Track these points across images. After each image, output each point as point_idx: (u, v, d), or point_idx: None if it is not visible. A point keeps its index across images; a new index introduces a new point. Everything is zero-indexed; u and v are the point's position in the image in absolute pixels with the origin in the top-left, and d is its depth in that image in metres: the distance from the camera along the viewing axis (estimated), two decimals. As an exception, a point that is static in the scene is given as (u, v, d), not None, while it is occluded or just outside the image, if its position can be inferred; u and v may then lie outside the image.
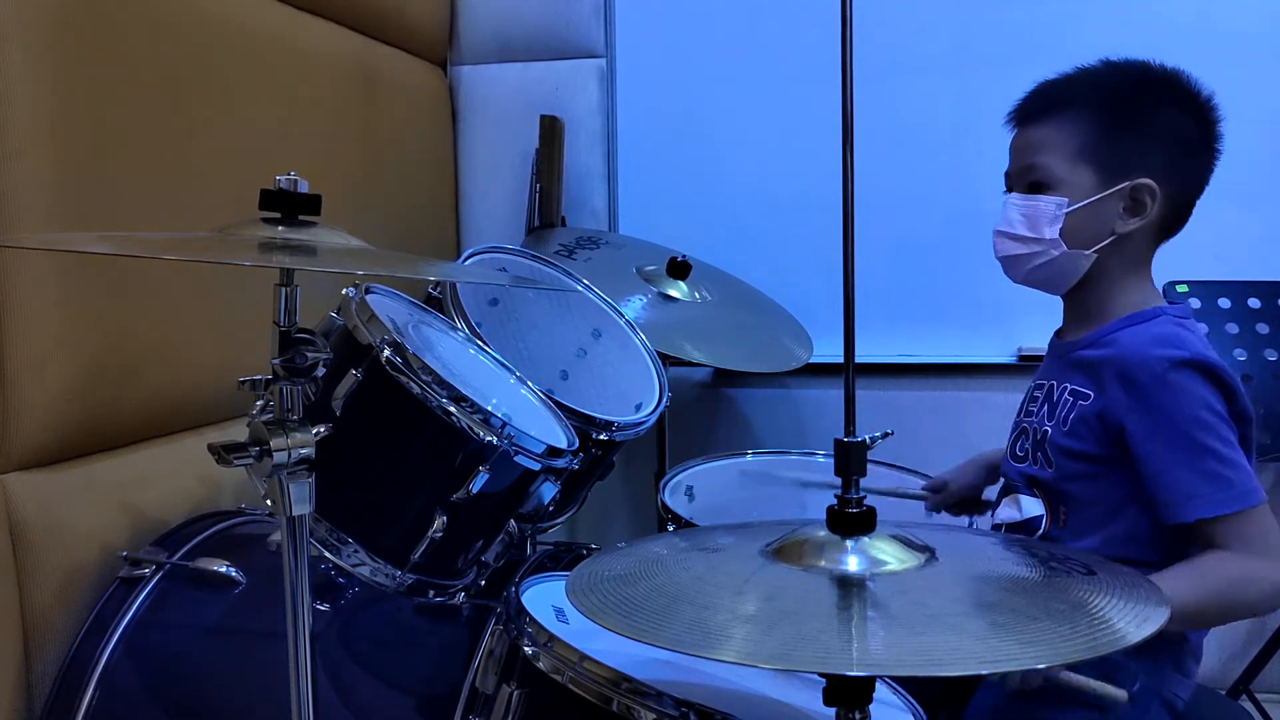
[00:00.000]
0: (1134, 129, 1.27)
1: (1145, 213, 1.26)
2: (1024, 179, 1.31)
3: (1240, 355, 1.97)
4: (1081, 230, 1.28)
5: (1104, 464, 1.25)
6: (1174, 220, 1.30)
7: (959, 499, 1.64)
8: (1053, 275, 1.31)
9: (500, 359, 1.44)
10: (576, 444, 1.35)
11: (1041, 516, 1.31)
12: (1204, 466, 1.17)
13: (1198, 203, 1.32)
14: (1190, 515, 1.18)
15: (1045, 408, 1.33)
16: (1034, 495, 1.33)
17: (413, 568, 1.20)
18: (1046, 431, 1.31)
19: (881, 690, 1.12)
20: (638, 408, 1.66)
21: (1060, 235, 1.27)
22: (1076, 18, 2.17)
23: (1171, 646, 1.26)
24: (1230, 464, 1.17)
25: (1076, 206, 1.27)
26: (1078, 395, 1.28)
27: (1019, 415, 1.41)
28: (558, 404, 1.44)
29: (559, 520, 1.62)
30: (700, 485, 1.78)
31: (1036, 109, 1.32)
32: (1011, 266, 1.33)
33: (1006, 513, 1.35)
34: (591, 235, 2.26)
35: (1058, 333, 1.40)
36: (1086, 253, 1.28)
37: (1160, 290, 1.35)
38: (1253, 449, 1.23)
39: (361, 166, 2.09)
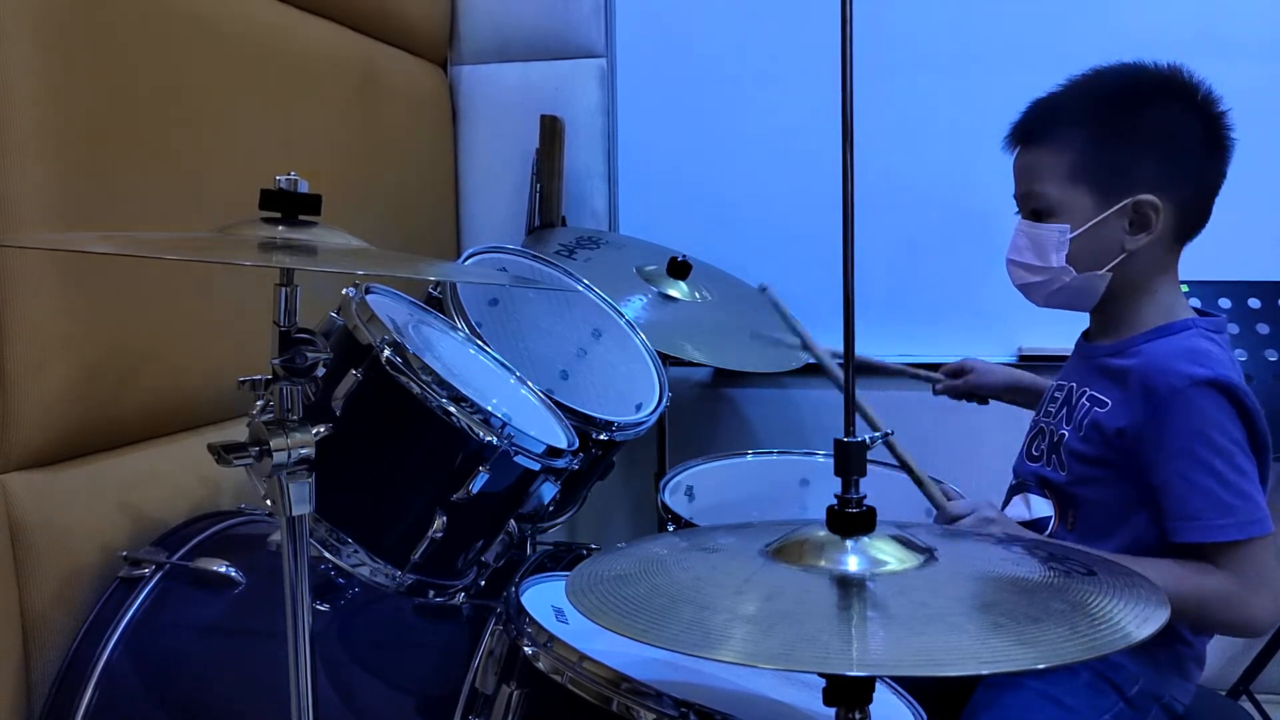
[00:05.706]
0: (1126, 139, 1.24)
1: (1151, 227, 1.23)
2: (1027, 205, 1.29)
3: (1240, 355, 1.96)
4: (1089, 253, 1.25)
5: (1114, 469, 1.24)
6: (1191, 224, 1.27)
7: (969, 390, 1.70)
8: (1072, 298, 1.29)
9: (500, 359, 1.44)
10: (576, 444, 1.35)
11: (1050, 518, 1.30)
12: (1208, 489, 1.15)
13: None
14: (1189, 537, 1.16)
15: (1064, 410, 1.31)
16: (1044, 496, 1.32)
17: (413, 568, 1.20)
18: (1063, 435, 1.29)
19: (881, 690, 1.12)
20: (638, 408, 1.66)
21: (1069, 261, 1.25)
22: (1077, 17, 2.17)
23: (1174, 650, 1.26)
24: (1236, 491, 1.15)
25: (1079, 232, 1.24)
26: (1095, 401, 1.26)
27: (1037, 414, 1.39)
28: (558, 404, 1.44)
29: (559, 520, 1.61)
30: (700, 485, 1.78)
31: (1029, 131, 1.30)
32: (1030, 293, 1.32)
33: (1016, 511, 1.34)
34: (591, 235, 2.26)
35: (1085, 334, 1.38)
36: (1100, 273, 1.26)
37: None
38: (1268, 477, 1.19)
39: (361, 166, 2.09)
